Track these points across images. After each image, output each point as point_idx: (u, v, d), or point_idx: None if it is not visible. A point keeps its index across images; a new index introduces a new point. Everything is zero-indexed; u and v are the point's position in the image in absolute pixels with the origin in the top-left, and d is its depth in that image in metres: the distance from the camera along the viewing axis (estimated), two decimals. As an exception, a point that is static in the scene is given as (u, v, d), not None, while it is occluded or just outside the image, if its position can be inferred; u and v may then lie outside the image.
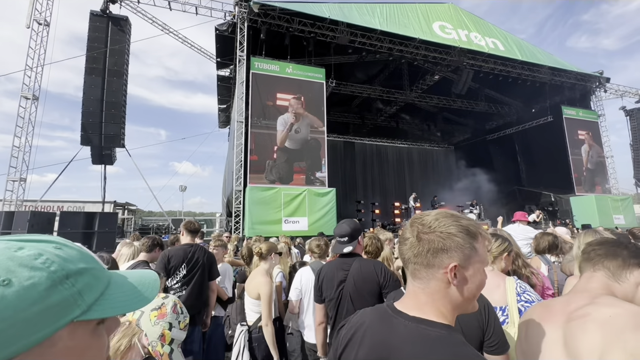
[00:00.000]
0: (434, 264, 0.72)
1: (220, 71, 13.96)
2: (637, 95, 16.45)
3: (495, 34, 13.44)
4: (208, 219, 29.49)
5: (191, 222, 2.90)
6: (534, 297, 1.51)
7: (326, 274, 2.04)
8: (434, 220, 0.75)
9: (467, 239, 0.72)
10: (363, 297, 1.86)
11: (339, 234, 2.04)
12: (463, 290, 0.72)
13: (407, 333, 0.70)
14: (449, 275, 0.70)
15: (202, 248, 2.84)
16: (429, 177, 20.49)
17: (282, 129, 10.29)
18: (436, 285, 0.72)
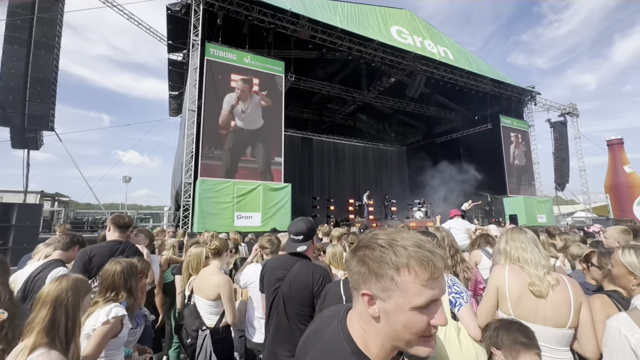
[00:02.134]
0: (355, 286, 0.67)
1: (172, 55, 13.00)
2: (559, 110, 18.73)
3: (447, 43, 14.34)
4: (155, 212, 27.57)
5: (121, 215, 2.59)
6: (462, 289, 1.63)
7: (268, 268, 1.99)
8: (369, 239, 0.68)
9: (386, 269, 0.62)
10: (295, 303, 1.78)
11: (295, 231, 1.94)
12: (387, 326, 0.64)
13: (330, 335, 0.71)
14: (366, 303, 0.65)
15: (132, 246, 2.54)
16: (382, 176, 21.32)
17: (227, 107, 9.90)
18: (360, 310, 0.68)
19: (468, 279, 2.06)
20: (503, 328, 1.30)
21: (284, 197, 10.08)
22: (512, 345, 1.21)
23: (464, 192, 15.80)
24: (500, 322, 1.37)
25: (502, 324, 1.33)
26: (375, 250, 0.64)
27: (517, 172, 16.43)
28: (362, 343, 0.66)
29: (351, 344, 0.65)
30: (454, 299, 1.59)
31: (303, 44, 11.66)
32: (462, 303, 1.58)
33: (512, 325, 1.30)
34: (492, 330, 1.32)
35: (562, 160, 18.10)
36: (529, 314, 1.47)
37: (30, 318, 1.19)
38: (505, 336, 1.25)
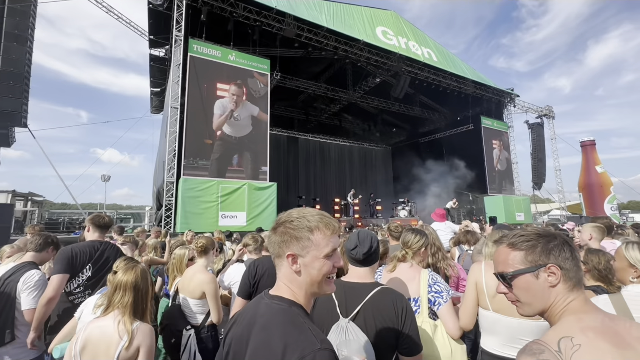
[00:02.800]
0: (279, 253, 0.87)
1: (153, 50, 12.66)
2: (537, 112, 19.44)
3: (430, 45, 14.61)
4: (136, 212, 26.79)
5: (100, 215, 2.50)
6: (443, 288, 1.67)
7: (268, 270, 1.95)
8: (289, 214, 0.89)
9: (303, 232, 0.85)
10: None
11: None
12: (307, 277, 0.85)
13: (264, 308, 0.84)
14: (289, 262, 0.85)
15: (113, 246, 2.47)
16: (367, 175, 21.52)
17: (219, 113, 9.77)
18: (285, 271, 0.87)
19: (449, 276, 2.12)
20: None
21: (269, 196, 10.02)
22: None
23: (447, 191, 16.17)
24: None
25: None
26: (294, 221, 0.86)
27: (497, 172, 16.96)
28: (293, 298, 0.84)
29: (285, 300, 0.84)
30: (433, 297, 1.63)
31: (289, 43, 11.61)
32: (442, 302, 1.62)
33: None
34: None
35: (539, 160, 18.80)
36: (505, 307, 1.51)
37: (110, 299, 1.54)
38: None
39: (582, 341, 0.69)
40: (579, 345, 0.69)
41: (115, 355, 1.41)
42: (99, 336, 1.45)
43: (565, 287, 0.78)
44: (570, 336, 0.71)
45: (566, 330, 0.73)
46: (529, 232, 0.84)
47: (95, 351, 1.43)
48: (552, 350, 0.70)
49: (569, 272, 0.78)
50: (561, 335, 0.72)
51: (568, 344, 0.70)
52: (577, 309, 0.76)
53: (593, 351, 0.67)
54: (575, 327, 0.73)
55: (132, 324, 1.48)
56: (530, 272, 0.80)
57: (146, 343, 1.49)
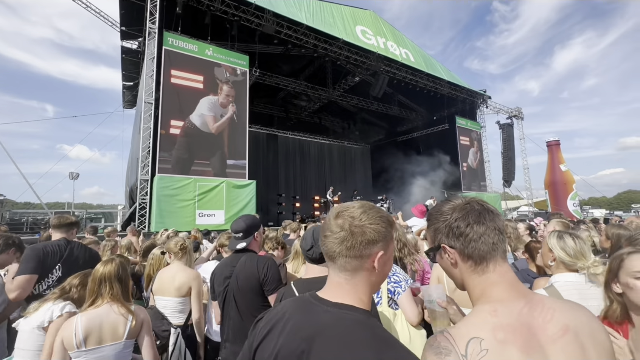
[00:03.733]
0: (365, 254, 0.75)
1: (125, 42, 12.12)
2: (507, 113, 20.37)
3: (408, 46, 14.92)
4: (107, 212, 25.68)
5: (61, 216, 2.41)
6: (402, 278, 1.76)
7: (217, 270, 1.99)
8: (362, 213, 0.77)
9: (389, 229, 0.78)
10: (245, 294, 1.79)
11: (234, 229, 1.98)
12: (381, 274, 0.79)
13: (328, 318, 0.71)
14: (376, 263, 0.75)
15: (82, 245, 2.38)
16: (347, 173, 21.72)
17: (212, 114, 9.58)
18: (362, 275, 0.76)
19: (415, 270, 2.21)
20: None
21: (248, 194, 9.91)
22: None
23: (424, 189, 16.64)
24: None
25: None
26: (378, 219, 0.78)
27: (470, 170, 17.64)
28: (360, 304, 0.75)
29: (359, 310, 0.73)
30: (392, 288, 1.72)
31: (268, 39, 11.48)
32: (400, 292, 1.71)
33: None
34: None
35: (509, 159, 19.72)
36: (463, 300, 1.62)
37: (96, 291, 1.68)
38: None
39: (491, 346, 0.64)
40: (486, 351, 0.64)
41: (125, 332, 1.63)
42: (102, 321, 1.61)
43: (466, 266, 0.73)
44: (480, 338, 0.65)
45: (477, 328, 0.67)
46: (434, 209, 0.81)
47: (101, 336, 1.59)
48: (459, 353, 0.65)
49: (463, 250, 0.73)
50: (471, 335, 0.66)
51: (476, 348, 0.65)
52: (493, 296, 0.70)
53: (497, 357, 0.63)
54: (487, 323, 0.67)
55: (131, 306, 1.71)
56: (435, 251, 0.79)
57: (147, 319, 1.75)
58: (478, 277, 0.73)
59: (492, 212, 0.74)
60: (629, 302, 1.20)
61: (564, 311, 0.69)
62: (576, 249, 1.48)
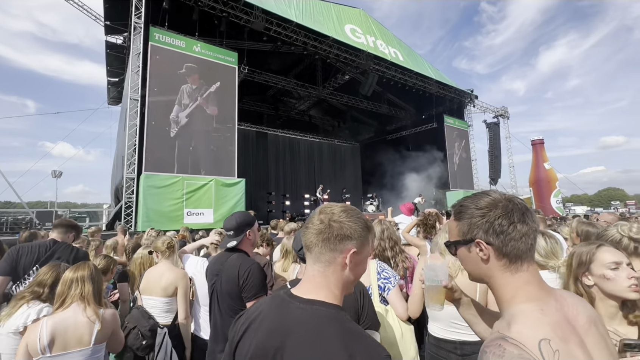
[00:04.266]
0: (338, 248, 0.81)
1: (110, 37, 11.83)
2: (494, 112, 20.76)
3: (397, 45, 15.02)
4: (92, 211, 25.07)
5: (64, 218, 2.40)
6: (390, 274, 1.80)
7: (209, 266, 1.98)
8: (342, 211, 0.85)
9: (365, 232, 0.84)
10: (224, 296, 1.76)
11: (226, 227, 1.94)
12: (354, 273, 0.83)
13: (300, 314, 0.75)
14: (347, 259, 0.80)
15: (68, 246, 2.31)
16: (337, 171, 21.77)
17: (186, 102, 9.41)
18: (334, 269, 0.81)
19: (407, 267, 2.25)
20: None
21: (237, 193, 9.83)
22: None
23: (413, 187, 16.85)
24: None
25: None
26: (351, 217, 0.84)
27: (458, 168, 17.93)
28: (332, 299, 0.79)
29: (331, 305, 0.77)
30: (382, 284, 1.76)
31: (257, 36, 11.38)
32: (390, 287, 1.75)
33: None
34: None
35: (495, 157, 20.13)
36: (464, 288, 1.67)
37: (65, 293, 1.61)
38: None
39: (559, 346, 0.63)
40: (557, 352, 0.62)
41: (92, 339, 1.54)
42: (67, 326, 1.53)
43: (500, 263, 0.73)
44: (547, 338, 0.63)
45: (539, 328, 0.65)
46: (469, 202, 0.80)
47: (66, 341, 1.51)
48: (533, 357, 0.60)
49: (501, 247, 0.72)
50: (539, 337, 0.63)
51: (549, 350, 0.62)
52: (532, 296, 0.70)
53: (568, 357, 0.62)
54: (544, 323, 0.66)
55: (99, 310, 1.62)
56: (463, 245, 0.78)
57: (116, 323, 1.68)
58: (511, 275, 0.73)
59: (533, 213, 0.75)
60: (600, 293, 1.25)
61: (581, 305, 0.75)
62: (547, 248, 1.53)
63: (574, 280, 1.32)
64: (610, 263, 1.23)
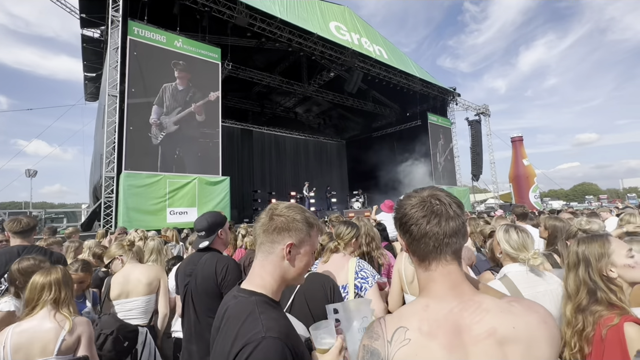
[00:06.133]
0: (276, 240, 0.89)
1: (86, 31, 11.37)
2: (476, 110, 21.26)
3: (381, 42, 15.12)
4: (70, 211, 24.14)
5: (16, 219, 2.25)
6: (369, 274, 1.82)
7: (180, 267, 1.96)
8: (286, 207, 0.94)
9: (306, 227, 0.92)
10: (201, 296, 1.74)
11: (197, 228, 1.92)
12: (293, 266, 0.90)
13: (231, 301, 0.87)
14: (285, 251, 0.88)
15: (41, 249, 2.23)
16: (323, 169, 21.81)
17: (176, 105, 9.22)
18: (273, 258, 0.89)
19: (382, 264, 2.29)
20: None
21: (222, 191, 9.70)
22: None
23: (398, 183, 17.08)
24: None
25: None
26: (296, 214, 0.92)
27: (441, 165, 18.30)
28: (260, 287, 0.87)
29: (247, 291, 0.87)
30: (360, 284, 1.78)
31: (241, 31, 11.21)
32: (367, 287, 1.77)
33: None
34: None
35: (477, 154, 20.65)
36: (418, 290, 1.72)
37: (34, 299, 1.53)
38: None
39: (414, 336, 0.67)
40: (408, 340, 0.67)
41: (55, 349, 1.43)
42: (32, 336, 1.44)
43: (415, 259, 0.77)
44: (406, 328, 0.69)
45: (407, 318, 0.71)
46: (401, 199, 0.84)
47: (31, 351, 1.43)
48: (385, 339, 0.69)
49: (408, 245, 0.76)
50: (400, 324, 0.70)
51: (400, 336, 0.68)
52: (430, 292, 0.74)
53: (419, 351, 0.65)
54: (416, 316, 0.71)
55: (70, 316, 1.54)
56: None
57: (87, 332, 1.55)
58: (422, 272, 0.76)
59: (443, 215, 0.71)
60: (625, 282, 1.25)
61: (501, 316, 0.67)
62: (519, 242, 1.58)
63: (589, 276, 1.28)
64: (627, 252, 1.26)
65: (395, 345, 0.67)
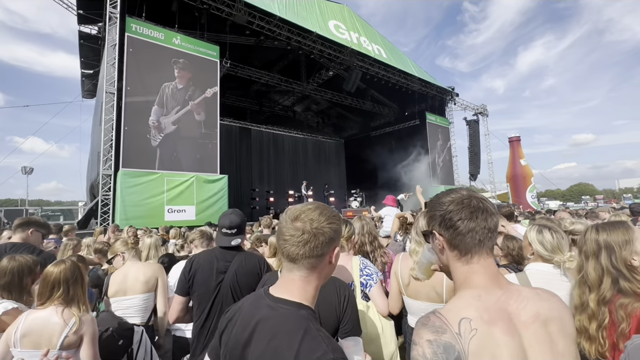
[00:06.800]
0: (325, 252, 0.82)
1: (83, 27, 11.29)
2: (474, 110, 21.32)
3: (380, 42, 15.11)
4: (67, 209, 24.07)
5: (21, 217, 2.27)
6: (373, 271, 1.83)
7: (202, 264, 1.85)
8: (320, 214, 0.83)
9: (341, 224, 0.88)
10: (243, 291, 1.74)
11: (229, 225, 1.86)
12: (334, 266, 0.88)
13: (267, 312, 0.79)
14: (334, 258, 0.85)
15: (29, 247, 2.20)
16: (321, 167, 21.79)
17: (174, 104, 9.17)
18: (319, 270, 0.83)
19: (385, 262, 2.29)
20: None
21: (220, 189, 9.69)
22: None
23: (396, 183, 17.10)
24: None
25: None
26: (332, 218, 0.84)
27: (439, 165, 18.34)
28: (302, 298, 0.81)
29: (294, 304, 0.79)
30: (365, 281, 1.79)
31: (240, 29, 11.16)
32: (372, 284, 1.78)
33: None
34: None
35: (475, 154, 20.71)
36: (415, 293, 1.76)
37: (46, 294, 1.57)
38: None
39: (479, 326, 0.70)
40: (475, 330, 0.69)
41: (58, 342, 1.49)
42: (41, 325, 1.51)
43: (452, 254, 0.80)
44: (469, 318, 0.71)
45: (465, 309, 0.73)
46: (435, 197, 0.86)
47: (38, 339, 1.49)
48: (453, 331, 0.70)
49: (451, 240, 0.79)
50: (462, 316, 0.72)
51: (467, 327, 0.70)
52: (475, 283, 0.77)
53: (487, 339, 0.69)
54: (473, 306, 0.73)
55: (78, 313, 1.59)
56: (428, 234, 0.86)
57: (90, 331, 1.59)
58: (462, 265, 0.79)
59: (487, 211, 0.78)
60: None
61: (538, 301, 0.76)
62: (553, 243, 1.54)
63: (612, 264, 1.23)
64: None
65: (465, 337, 0.69)
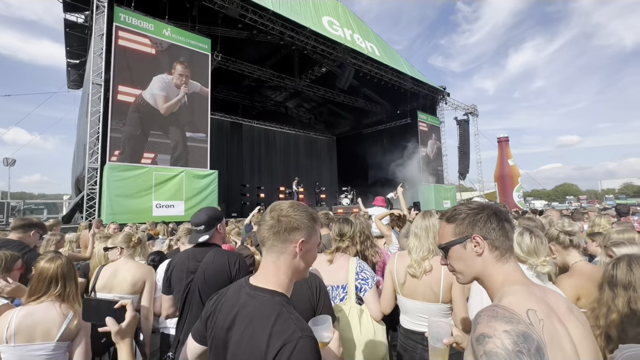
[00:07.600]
0: (289, 239, 0.92)
1: (69, 15, 10.91)
2: (464, 110, 21.57)
3: (373, 39, 15.10)
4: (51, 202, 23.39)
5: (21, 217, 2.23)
6: (369, 275, 1.83)
7: (177, 264, 1.89)
8: (290, 207, 0.96)
9: (312, 223, 0.96)
10: (211, 291, 1.70)
11: (195, 222, 1.90)
12: (304, 260, 0.95)
13: (246, 299, 0.88)
14: (297, 248, 0.92)
15: (18, 245, 2.15)
16: (313, 164, 21.75)
17: (164, 94, 8.98)
18: (286, 257, 0.92)
19: (376, 262, 2.30)
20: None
21: (210, 185, 9.57)
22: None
23: (387, 181, 17.21)
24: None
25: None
26: (298, 211, 0.95)
27: (430, 163, 18.53)
28: (277, 286, 0.90)
29: (268, 291, 0.88)
30: (359, 284, 1.79)
31: (232, 22, 10.99)
32: (367, 288, 1.79)
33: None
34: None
35: (465, 153, 20.99)
36: (411, 292, 1.76)
37: (41, 290, 1.57)
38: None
39: (544, 316, 0.72)
40: (542, 321, 0.71)
41: (58, 334, 1.52)
42: (34, 321, 1.51)
43: (492, 256, 0.84)
44: (534, 309, 0.72)
45: (527, 301, 0.74)
46: (461, 207, 0.91)
47: (33, 334, 1.50)
48: (526, 322, 0.70)
49: (494, 241, 0.84)
50: (527, 307, 0.73)
51: (535, 318, 0.71)
52: (520, 280, 0.81)
53: (553, 330, 0.71)
54: (531, 298, 0.75)
55: (73, 307, 1.62)
56: (458, 243, 0.87)
57: (85, 324, 1.63)
58: (502, 265, 0.84)
59: (507, 217, 0.88)
60: None
61: (559, 296, 0.84)
62: (530, 246, 1.58)
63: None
64: None
65: (537, 327, 0.70)
